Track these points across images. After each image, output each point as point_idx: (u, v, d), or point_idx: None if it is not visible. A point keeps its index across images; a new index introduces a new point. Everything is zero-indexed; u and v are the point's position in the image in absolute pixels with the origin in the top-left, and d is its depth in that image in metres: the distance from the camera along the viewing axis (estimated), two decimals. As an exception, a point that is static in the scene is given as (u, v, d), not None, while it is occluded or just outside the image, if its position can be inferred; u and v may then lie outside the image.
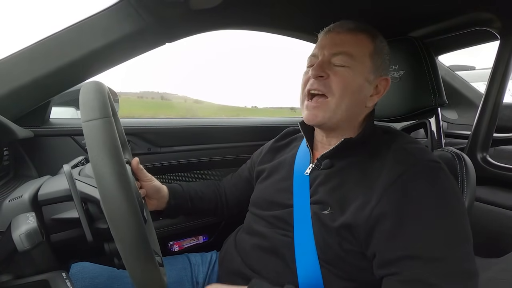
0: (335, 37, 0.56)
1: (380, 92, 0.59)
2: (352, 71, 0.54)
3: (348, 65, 0.54)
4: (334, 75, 0.54)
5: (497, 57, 0.77)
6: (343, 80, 0.54)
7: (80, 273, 0.62)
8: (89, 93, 0.38)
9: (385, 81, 0.59)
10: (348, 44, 0.55)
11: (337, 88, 0.54)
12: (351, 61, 0.54)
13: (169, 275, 0.67)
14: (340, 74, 0.54)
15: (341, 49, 0.55)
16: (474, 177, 0.60)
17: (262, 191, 0.67)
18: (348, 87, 0.54)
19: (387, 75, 0.59)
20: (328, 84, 0.54)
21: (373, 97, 0.58)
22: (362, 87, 0.56)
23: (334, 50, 0.55)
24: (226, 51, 25.53)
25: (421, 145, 0.55)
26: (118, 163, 0.35)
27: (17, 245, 0.38)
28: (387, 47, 0.60)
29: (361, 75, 0.55)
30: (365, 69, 0.55)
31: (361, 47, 0.55)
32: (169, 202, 0.69)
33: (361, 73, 0.55)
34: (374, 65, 0.56)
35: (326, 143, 0.61)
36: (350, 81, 0.54)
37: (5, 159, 0.65)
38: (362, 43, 0.56)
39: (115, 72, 0.77)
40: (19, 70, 0.60)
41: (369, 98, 0.58)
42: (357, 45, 0.55)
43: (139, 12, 0.62)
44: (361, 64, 0.55)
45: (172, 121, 1.00)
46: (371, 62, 0.56)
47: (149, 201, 0.67)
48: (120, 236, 0.34)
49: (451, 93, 1.17)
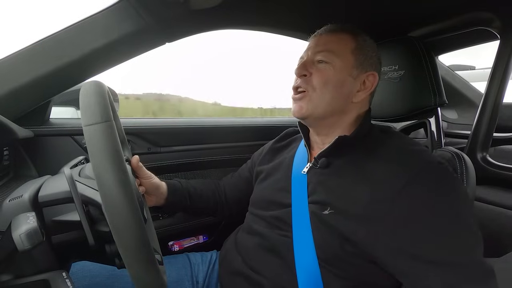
0: (318, 39, 0.60)
1: (368, 88, 0.59)
2: (333, 66, 0.57)
3: (329, 61, 0.57)
4: (316, 72, 0.57)
5: (497, 57, 0.77)
6: (323, 75, 0.57)
7: (81, 272, 0.63)
8: (90, 95, 0.38)
9: (372, 76, 0.59)
10: (329, 43, 0.58)
11: (318, 83, 0.57)
12: (331, 57, 0.57)
13: (169, 275, 0.67)
14: (321, 71, 0.57)
15: (323, 47, 0.58)
16: (474, 176, 0.60)
17: (261, 191, 0.68)
18: (329, 81, 0.56)
19: (373, 70, 0.60)
20: (310, 81, 0.57)
21: (360, 93, 0.59)
22: (344, 81, 0.57)
23: (316, 49, 0.59)
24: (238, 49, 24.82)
25: (422, 146, 0.55)
26: (121, 170, 0.35)
27: (17, 244, 0.38)
28: (373, 45, 0.61)
29: (344, 70, 0.57)
30: (347, 64, 0.57)
31: (342, 44, 0.58)
32: (167, 199, 0.70)
33: (343, 68, 0.57)
34: (356, 60, 0.58)
35: (321, 143, 0.62)
36: (331, 76, 0.56)
37: (5, 159, 0.65)
38: (343, 40, 0.58)
39: (118, 73, 0.76)
40: (19, 70, 0.60)
41: (355, 94, 0.58)
42: (338, 43, 0.58)
43: (139, 12, 0.62)
44: (343, 60, 0.57)
45: (172, 121, 1.00)
46: (353, 57, 0.57)
47: (148, 197, 0.67)
48: (122, 241, 0.35)
49: (451, 93, 1.17)
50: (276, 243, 0.57)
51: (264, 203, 0.64)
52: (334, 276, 0.51)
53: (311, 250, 0.52)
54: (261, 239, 0.59)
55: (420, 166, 0.48)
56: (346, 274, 0.50)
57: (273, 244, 0.57)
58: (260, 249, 0.59)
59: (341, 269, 0.50)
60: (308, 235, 0.53)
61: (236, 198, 0.80)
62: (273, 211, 0.61)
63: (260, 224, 0.62)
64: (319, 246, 0.52)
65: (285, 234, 0.56)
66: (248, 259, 0.60)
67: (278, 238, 0.57)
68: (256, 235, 0.61)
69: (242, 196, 0.78)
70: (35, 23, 4.12)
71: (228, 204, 0.80)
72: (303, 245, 0.53)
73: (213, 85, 3.69)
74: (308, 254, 0.52)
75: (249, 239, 0.63)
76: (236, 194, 0.80)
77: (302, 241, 0.53)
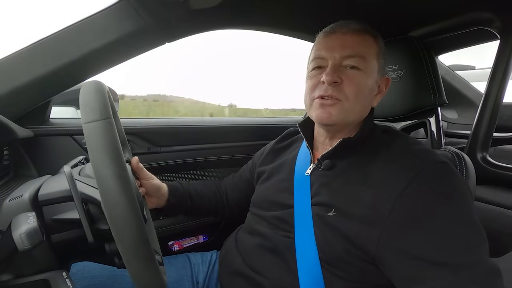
0: (343, 38, 0.55)
1: (382, 91, 0.60)
2: (365, 73, 0.54)
3: (361, 67, 0.53)
4: (348, 79, 0.53)
5: (497, 57, 0.77)
6: (356, 84, 0.53)
7: (81, 273, 0.63)
8: (89, 94, 0.38)
9: (386, 80, 0.60)
10: (358, 45, 0.54)
11: (351, 92, 0.53)
12: (363, 63, 0.54)
13: (169, 275, 0.67)
14: (353, 78, 0.53)
15: (352, 51, 0.53)
16: (474, 176, 0.60)
17: (263, 192, 0.67)
18: (361, 90, 0.54)
19: (386, 74, 0.60)
20: (342, 90, 0.53)
21: (377, 97, 0.59)
22: (371, 88, 0.56)
23: (345, 52, 0.54)
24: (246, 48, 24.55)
25: (424, 146, 0.55)
26: (119, 165, 0.35)
27: (17, 244, 0.38)
28: (384, 46, 0.60)
29: (372, 77, 0.55)
30: (374, 70, 0.55)
31: (369, 48, 0.55)
32: (168, 200, 0.70)
33: (372, 75, 0.55)
34: (379, 65, 0.57)
35: (328, 144, 0.61)
36: (363, 85, 0.54)
37: (5, 158, 0.66)
38: (369, 44, 0.55)
39: (124, 76, 0.77)
40: (19, 70, 0.60)
41: (374, 98, 0.59)
42: (365, 47, 0.54)
43: (139, 12, 0.62)
44: (372, 67, 0.55)
45: (172, 120, 1.00)
46: (377, 62, 0.56)
47: (149, 199, 0.67)
48: (122, 239, 0.35)
49: (451, 92, 1.17)
50: (278, 243, 0.57)
51: (266, 203, 0.64)
52: (336, 277, 0.50)
53: (313, 251, 0.52)
54: (263, 239, 0.59)
55: (421, 166, 0.47)
56: (348, 276, 0.50)
57: (274, 244, 0.57)
58: (261, 249, 0.59)
59: (343, 271, 0.50)
60: (310, 236, 0.53)
61: (236, 199, 0.80)
62: (275, 211, 0.61)
63: (261, 224, 0.62)
64: (321, 247, 0.51)
65: (287, 235, 0.56)
66: (249, 259, 0.60)
67: (280, 238, 0.57)
68: (257, 235, 0.61)
69: (242, 196, 0.78)
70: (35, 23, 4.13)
71: (229, 205, 0.80)
72: (305, 246, 0.53)
73: (229, 89, 3.69)
74: (310, 255, 0.52)
75: (250, 239, 0.62)
76: (237, 194, 0.80)
77: (304, 242, 0.53)
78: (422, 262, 0.42)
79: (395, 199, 0.46)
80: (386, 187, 0.47)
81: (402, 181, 0.46)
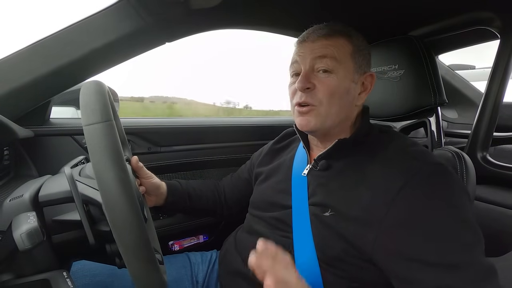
0: (313, 45, 0.55)
1: (367, 89, 0.58)
2: (337, 75, 0.54)
3: (332, 69, 0.54)
4: (320, 84, 0.54)
5: (497, 56, 0.77)
6: (328, 87, 0.53)
7: (81, 271, 0.63)
8: (90, 95, 0.38)
9: (370, 77, 0.58)
10: (328, 48, 0.54)
11: (324, 96, 0.54)
12: (334, 64, 0.53)
13: (169, 274, 0.67)
14: (325, 83, 0.54)
15: (321, 53, 0.54)
16: (474, 176, 0.60)
17: (261, 193, 0.68)
18: (335, 92, 0.54)
19: (370, 70, 0.59)
20: (315, 95, 0.54)
21: (361, 95, 0.58)
22: (348, 89, 0.55)
23: (314, 55, 0.54)
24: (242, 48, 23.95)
25: (421, 147, 0.55)
26: (121, 169, 0.35)
27: (18, 244, 0.38)
28: (364, 42, 0.58)
29: (346, 78, 0.54)
30: (349, 70, 0.55)
31: (341, 49, 0.54)
32: (167, 199, 0.70)
33: (346, 76, 0.54)
34: (356, 64, 0.56)
35: (321, 146, 0.61)
36: (336, 86, 0.54)
37: (6, 158, 0.66)
38: (340, 44, 0.55)
39: (127, 77, 0.77)
40: (19, 70, 0.60)
41: (357, 97, 0.58)
42: (337, 48, 0.54)
43: (139, 12, 0.62)
44: (344, 67, 0.54)
45: (172, 120, 1.00)
46: (353, 62, 0.55)
47: (148, 197, 0.67)
48: (122, 240, 0.35)
49: (451, 92, 1.17)
50: (276, 243, 0.57)
51: (264, 204, 0.64)
52: (334, 276, 0.51)
53: (311, 251, 0.52)
54: None
55: (418, 168, 0.47)
56: (346, 275, 0.50)
57: (273, 244, 0.57)
58: None
59: (341, 270, 0.50)
60: (308, 236, 0.53)
61: (235, 199, 0.80)
62: (273, 212, 0.61)
63: (260, 224, 0.62)
64: (319, 247, 0.51)
65: (285, 235, 0.56)
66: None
67: (278, 239, 0.57)
68: (256, 236, 0.61)
69: (241, 196, 0.78)
70: (35, 23, 4.14)
71: (227, 205, 0.80)
72: (303, 246, 0.53)
73: (245, 91, 3.69)
74: (308, 255, 0.52)
75: (249, 239, 0.63)
76: (235, 194, 0.80)
77: (302, 242, 0.53)
78: (417, 263, 0.42)
79: (390, 201, 0.46)
80: (383, 189, 0.47)
81: (398, 182, 0.46)
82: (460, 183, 0.48)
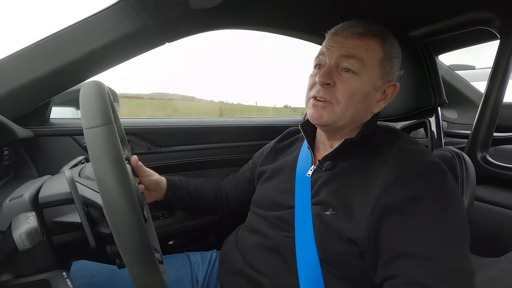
0: (344, 42, 0.54)
1: (387, 97, 0.58)
2: (360, 78, 0.53)
3: (357, 71, 0.52)
4: (341, 83, 0.53)
5: (497, 57, 0.77)
6: (349, 89, 0.53)
7: (80, 271, 0.63)
8: (90, 96, 0.38)
9: (393, 86, 0.57)
10: (357, 49, 0.53)
11: (343, 96, 0.53)
12: (360, 67, 0.52)
13: (169, 274, 0.67)
14: (346, 83, 0.53)
15: (350, 53, 0.53)
16: (474, 176, 0.60)
17: (264, 192, 0.68)
18: (354, 96, 0.53)
19: (395, 79, 0.58)
20: (334, 93, 0.53)
21: (380, 103, 0.57)
22: (368, 94, 0.55)
23: (342, 53, 0.53)
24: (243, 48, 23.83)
25: (421, 146, 0.55)
26: (122, 174, 0.35)
27: (17, 244, 0.38)
28: (398, 48, 0.57)
29: (368, 83, 0.54)
30: (373, 76, 0.54)
31: (371, 53, 0.53)
32: (166, 194, 0.70)
33: (369, 81, 0.53)
34: (382, 71, 0.55)
35: (328, 145, 0.61)
36: (357, 90, 0.53)
37: (6, 158, 0.66)
38: (372, 49, 0.54)
39: (127, 74, 0.77)
40: (19, 70, 0.60)
41: (375, 104, 0.57)
42: (366, 51, 0.53)
43: (139, 12, 0.62)
44: (370, 71, 0.53)
45: (172, 120, 1.00)
46: (380, 68, 0.54)
47: (148, 193, 0.67)
48: (124, 245, 0.35)
49: (451, 92, 1.17)
50: (278, 243, 0.57)
51: (268, 203, 0.64)
52: (335, 277, 0.51)
53: (313, 251, 0.52)
54: (263, 239, 0.59)
55: (412, 163, 0.48)
56: (347, 275, 0.50)
57: (275, 244, 0.57)
58: (261, 248, 0.59)
59: (342, 270, 0.50)
60: (310, 236, 0.53)
61: (237, 198, 0.80)
62: (276, 211, 0.61)
63: (262, 223, 0.62)
64: (320, 246, 0.52)
65: (287, 235, 0.56)
66: (249, 258, 0.60)
67: (280, 238, 0.57)
68: (258, 234, 0.61)
69: (243, 196, 0.78)
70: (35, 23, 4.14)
71: (228, 204, 0.80)
72: (305, 246, 0.53)
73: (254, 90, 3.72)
74: (309, 255, 0.52)
75: (250, 238, 0.63)
76: (237, 194, 0.80)
77: (304, 242, 0.54)
78: (393, 252, 0.44)
79: (381, 193, 0.47)
80: (380, 185, 0.48)
81: (391, 176, 0.47)
82: (453, 183, 0.48)
